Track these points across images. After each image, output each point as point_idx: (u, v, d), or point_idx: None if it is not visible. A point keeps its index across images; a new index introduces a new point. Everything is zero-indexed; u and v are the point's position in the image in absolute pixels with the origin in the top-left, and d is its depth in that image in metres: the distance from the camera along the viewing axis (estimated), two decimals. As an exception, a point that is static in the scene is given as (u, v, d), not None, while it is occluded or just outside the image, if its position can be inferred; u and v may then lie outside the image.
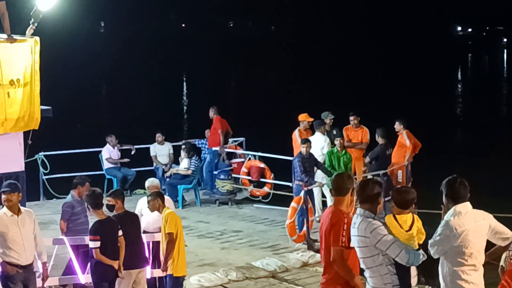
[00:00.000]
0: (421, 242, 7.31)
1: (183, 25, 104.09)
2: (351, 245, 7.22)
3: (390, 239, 7.02)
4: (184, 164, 18.39)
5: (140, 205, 11.91)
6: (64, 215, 11.71)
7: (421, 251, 7.13)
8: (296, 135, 17.13)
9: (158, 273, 11.29)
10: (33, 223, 9.69)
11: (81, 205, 11.65)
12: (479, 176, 13.96)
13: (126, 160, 19.17)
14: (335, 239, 7.29)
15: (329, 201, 15.62)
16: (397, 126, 17.17)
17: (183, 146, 18.91)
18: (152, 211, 10.90)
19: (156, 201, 10.78)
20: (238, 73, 51.99)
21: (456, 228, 6.98)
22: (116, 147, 19.17)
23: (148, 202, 10.84)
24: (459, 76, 60.09)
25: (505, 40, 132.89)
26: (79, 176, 12.90)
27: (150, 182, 12.06)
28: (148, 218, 11.66)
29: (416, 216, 7.42)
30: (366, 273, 7.26)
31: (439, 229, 7.07)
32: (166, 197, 11.29)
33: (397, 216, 7.34)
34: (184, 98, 48.56)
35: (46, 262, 9.95)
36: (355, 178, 16.22)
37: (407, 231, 7.25)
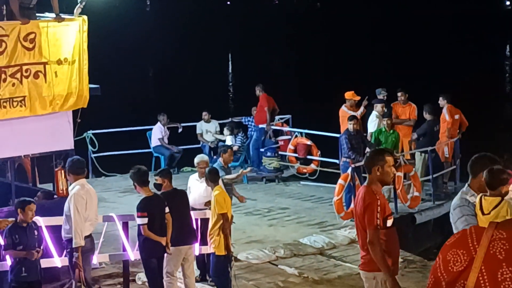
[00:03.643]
0: None
1: (228, 2, 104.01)
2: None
3: (462, 223, 6.77)
4: (228, 142, 18.45)
5: (189, 182, 11.96)
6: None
7: None
8: (344, 110, 17.02)
9: (206, 249, 11.35)
10: (67, 205, 9.84)
11: (224, 171, 12.11)
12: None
13: (175, 148, 19.15)
14: (369, 221, 7.18)
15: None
16: (441, 101, 17.02)
17: (228, 125, 19.02)
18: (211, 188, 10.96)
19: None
20: (283, 51, 51.82)
21: None
22: (165, 126, 19.26)
23: (206, 178, 10.91)
24: (508, 52, 59.26)
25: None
26: (222, 144, 13.31)
27: (200, 158, 12.06)
28: (194, 195, 11.71)
29: (507, 203, 6.73)
30: None
31: None
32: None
33: (484, 197, 6.76)
34: (230, 76, 48.58)
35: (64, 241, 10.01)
36: (403, 155, 16.18)
37: (485, 214, 6.71)
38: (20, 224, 9.77)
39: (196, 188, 11.76)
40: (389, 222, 7.27)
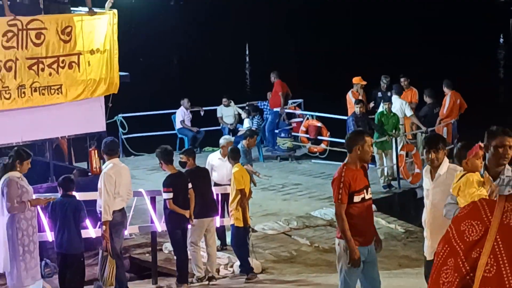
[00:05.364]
0: None
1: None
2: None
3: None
4: (246, 124, 18.46)
5: (210, 161, 12.01)
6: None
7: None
8: (349, 96, 17.04)
9: (227, 222, 11.40)
10: (99, 181, 9.70)
11: (245, 153, 12.11)
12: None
13: (195, 129, 19.04)
14: (334, 194, 7.16)
15: (377, 158, 15.58)
16: (445, 88, 16.94)
17: (245, 108, 19.03)
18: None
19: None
20: (297, 40, 51.68)
21: None
22: (188, 110, 19.28)
23: (228, 156, 10.97)
24: (501, 41, 58.77)
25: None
26: (249, 128, 13.25)
27: (227, 139, 12.14)
28: (222, 172, 11.78)
29: (466, 177, 6.41)
30: None
31: None
32: None
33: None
34: (247, 63, 48.52)
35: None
36: (405, 136, 16.16)
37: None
38: None
39: (221, 167, 11.82)
40: (357, 198, 7.13)
